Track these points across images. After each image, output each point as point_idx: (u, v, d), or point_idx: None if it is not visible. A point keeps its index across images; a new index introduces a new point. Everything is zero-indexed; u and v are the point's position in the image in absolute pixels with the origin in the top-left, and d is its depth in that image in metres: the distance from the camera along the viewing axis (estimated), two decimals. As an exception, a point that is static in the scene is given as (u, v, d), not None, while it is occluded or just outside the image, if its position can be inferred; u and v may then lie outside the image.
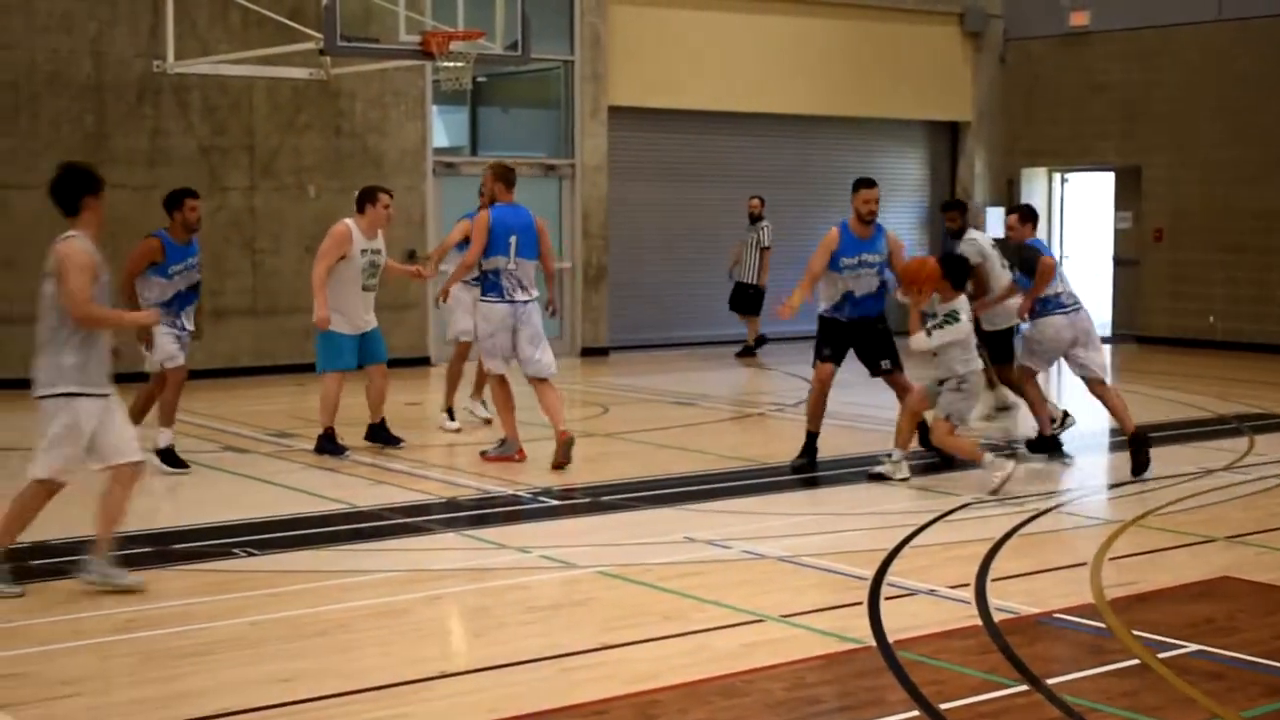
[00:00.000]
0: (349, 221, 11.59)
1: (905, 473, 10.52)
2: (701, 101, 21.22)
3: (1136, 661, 6.42)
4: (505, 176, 11.35)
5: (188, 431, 12.52)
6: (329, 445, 11.71)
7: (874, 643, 6.68)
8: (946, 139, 24.29)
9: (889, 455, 10.60)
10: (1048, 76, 23.40)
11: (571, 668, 6.38)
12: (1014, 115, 23.94)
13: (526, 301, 11.22)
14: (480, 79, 16.35)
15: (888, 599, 7.43)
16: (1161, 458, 11.06)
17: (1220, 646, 6.60)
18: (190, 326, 11.22)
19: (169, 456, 11.00)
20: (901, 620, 7.02)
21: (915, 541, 8.74)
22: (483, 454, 11.54)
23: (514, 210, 11.24)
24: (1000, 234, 22.17)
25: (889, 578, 7.83)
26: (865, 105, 22.80)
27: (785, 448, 11.77)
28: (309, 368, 17.08)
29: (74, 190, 7.67)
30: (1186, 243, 21.65)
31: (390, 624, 7.12)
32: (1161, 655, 6.47)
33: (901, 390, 11.14)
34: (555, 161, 20.20)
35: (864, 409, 13.30)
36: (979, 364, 10.59)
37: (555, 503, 10.09)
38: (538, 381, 11.28)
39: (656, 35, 20.68)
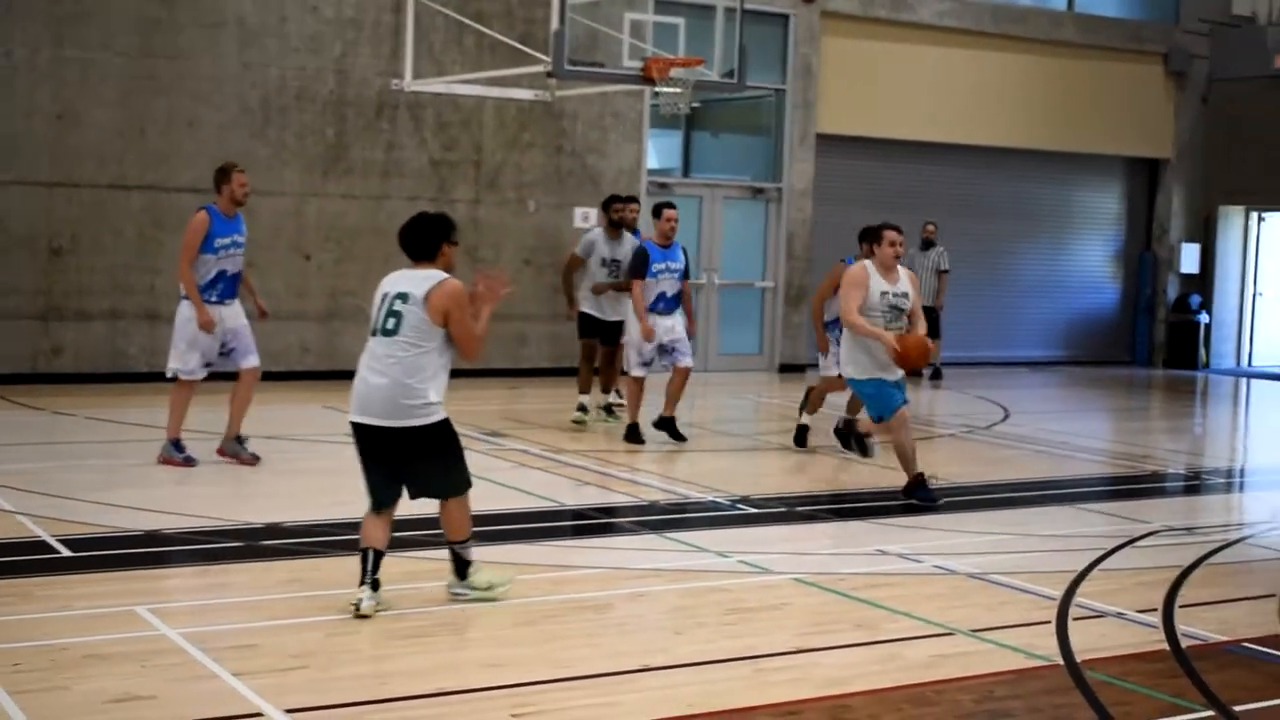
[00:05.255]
0: (866, 263, 10.75)
1: None
2: (906, 131, 21.45)
3: (1326, 694, 6.40)
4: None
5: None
6: (923, 492, 10.63)
7: (1062, 661, 6.75)
8: (1145, 176, 24.25)
9: None
10: (1249, 117, 23.20)
11: (766, 669, 6.53)
12: (1214, 154, 23.77)
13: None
14: (696, 104, 16.70)
15: (1076, 619, 7.49)
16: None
17: None
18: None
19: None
20: (1089, 641, 7.08)
21: (1104, 565, 8.78)
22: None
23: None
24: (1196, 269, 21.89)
25: (1077, 599, 7.89)
26: (1067, 140, 22.87)
27: (976, 469, 11.95)
28: (520, 373, 17.81)
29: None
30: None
31: (595, 618, 7.35)
32: (1351, 689, 6.45)
33: None
34: (763, 185, 20.54)
35: (1071, 437, 13.38)
36: None
37: (753, 510, 10.27)
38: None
39: (865, 67, 20.95)
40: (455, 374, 7.81)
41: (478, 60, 17.63)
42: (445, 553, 7.63)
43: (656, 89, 15.08)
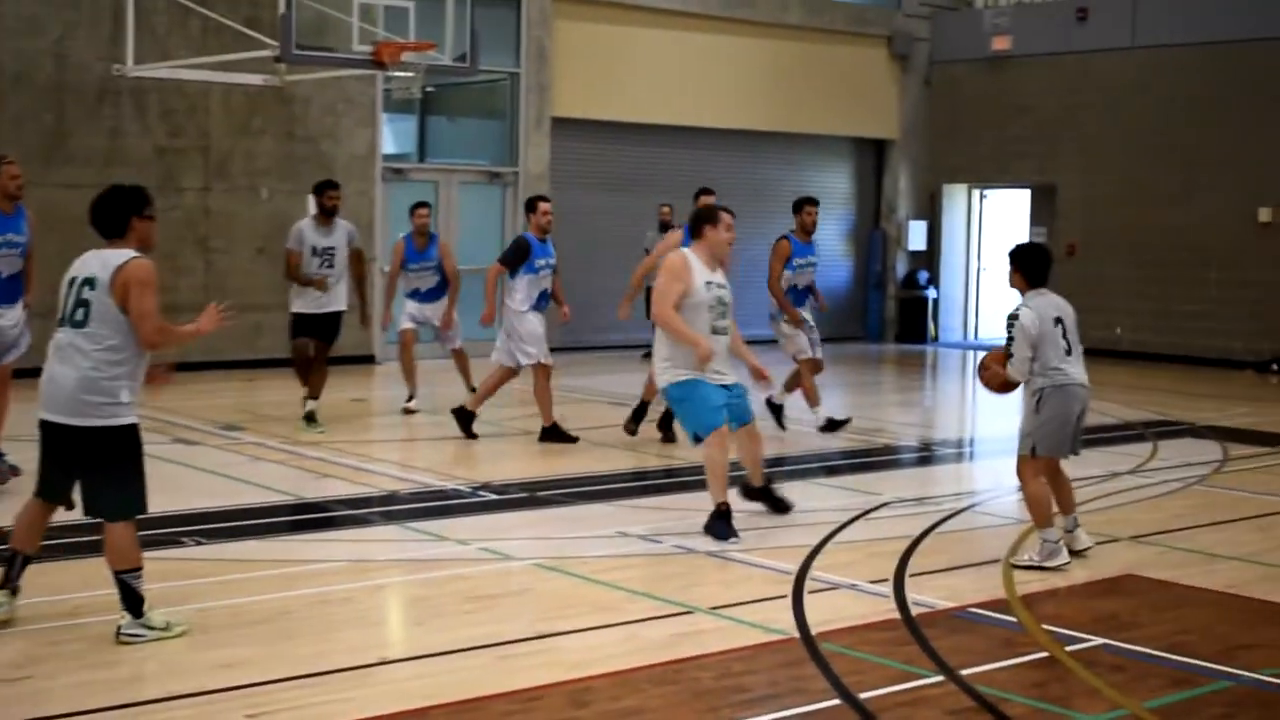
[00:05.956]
0: (686, 251, 9.46)
1: None
2: (640, 114, 21.64)
3: (1046, 654, 6.67)
4: None
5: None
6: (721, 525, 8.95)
7: (798, 634, 6.88)
8: (873, 156, 24.95)
9: None
10: (970, 98, 24.12)
11: (508, 656, 6.54)
12: (937, 134, 24.62)
13: None
14: (429, 89, 16.54)
15: (811, 593, 7.65)
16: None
17: (1124, 640, 6.85)
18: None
19: None
20: (824, 613, 7.22)
21: (838, 538, 8.99)
22: None
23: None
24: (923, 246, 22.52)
25: (812, 572, 8.05)
26: (796, 122, 23.37)
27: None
28: (257, 364, 17.40)
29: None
30: (1096, 257, 22.26)
31: (333, 612, 7.22)
32: (1069, 648, 6.73)
33: None
34: (499, 170, 20.48)
35: (807, 414, 13.63)
36: None
37: (493, 497, 10.25)
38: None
39: (599, 50, 21.06)
40: (188, 367, 7.51)
41: (203, 45, 17.13)
42: (178, 550, 7.37)
43: (388, 74, 14.88)
